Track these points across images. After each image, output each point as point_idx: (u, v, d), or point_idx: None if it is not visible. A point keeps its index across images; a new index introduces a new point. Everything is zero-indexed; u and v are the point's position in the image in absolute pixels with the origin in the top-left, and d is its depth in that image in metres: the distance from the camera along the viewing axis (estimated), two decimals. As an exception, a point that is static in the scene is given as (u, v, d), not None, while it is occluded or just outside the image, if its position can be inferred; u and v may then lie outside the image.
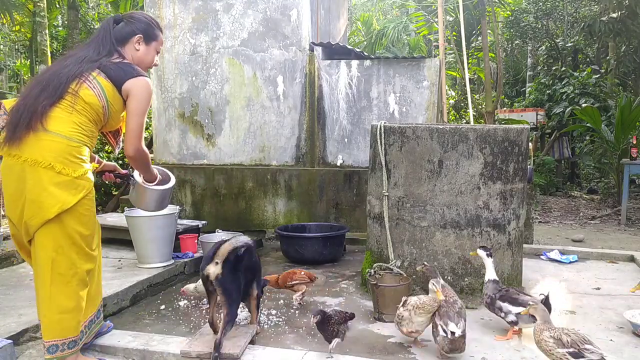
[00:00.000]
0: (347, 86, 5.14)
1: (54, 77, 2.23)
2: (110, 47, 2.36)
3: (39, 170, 2.14)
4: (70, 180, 2.18)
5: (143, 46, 2.44)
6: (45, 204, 2.13)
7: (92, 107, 2.25)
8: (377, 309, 3.04)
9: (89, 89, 2.24)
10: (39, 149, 2.14)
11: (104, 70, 2.29)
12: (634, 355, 2.53)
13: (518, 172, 3.30)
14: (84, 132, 2.25)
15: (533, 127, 10.28)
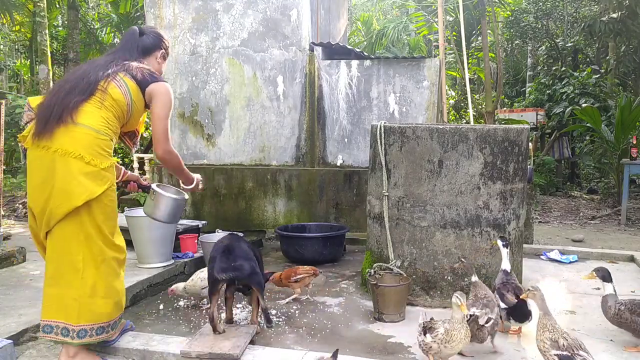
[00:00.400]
0: (347, 86, 5.15)
1: (84, 76, 2.37)
2: (136, 55, 2.55)
3: (70, 160, 2.24)
4: (98, 171, 2.29)
5: (162, 61, 2.67)
6: (75, 193, 2.23)
7: (119, 103, 2.39)
8: (377, 309, 3.04)
9: (117, 87, 2.38)
10: (70, 140, 2.26)
11: (130, 72, 2.44)
12: (634, 355, 2.53)
13: (518, 172, 3.30)
14: (110, 127, 2.38)
15: (533, 127, 10.28)
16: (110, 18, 13.50)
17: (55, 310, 2.30)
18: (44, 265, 3.79)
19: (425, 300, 3.26)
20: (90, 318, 2.31)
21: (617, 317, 2.62)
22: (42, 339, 2.57)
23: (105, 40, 14.24)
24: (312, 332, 2.87)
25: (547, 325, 2.20)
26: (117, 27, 13.24)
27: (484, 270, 3.24)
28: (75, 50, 11.92)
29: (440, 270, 3.23)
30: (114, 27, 13.50)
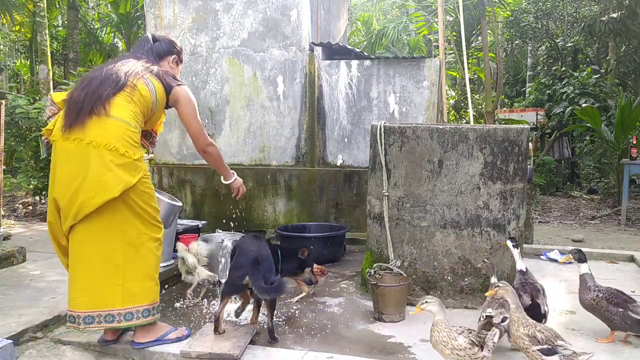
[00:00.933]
0: (347, 86, 5.15)
1: (113, 72, 2.44)
2: (154, 59, 2.64)
3: (104, 151, 2.29)
4: (131, 162, 2.35)
5: (174, 65, 2.77)
6: (111, 183, 2.28)
7: (145, 100, 2.47)
8: (377, 309, 3.04)
9: (145, 84, 2.47)
10: (103, 131, 2.31)
11: (155, 74, 2.55)
12: (634, 355, 2.53)
13: (518, 172, 3.30)
14: (138, 120, 2.45)
15: (533, 127, 10.28)
16: (110, 18, 13.51)
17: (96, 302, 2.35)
18: (44, 265, 3.82)
19: (425, 300, 3.26)
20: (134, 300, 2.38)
21: (592, 302, 2.62)
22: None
23: (105, 40, 14.25)
24: (312, 332, 2.87)
25: (521, 320, 2.20)
26: (117, 27, 13.25)
27: (484, 270, 3.23)
28: (75, 50, 11.94)
29: (440, 270, 3.23)
30: (114, 27, 13.51)
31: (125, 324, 2.38)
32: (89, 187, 2.27)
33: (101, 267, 2.35)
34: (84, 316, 2.36)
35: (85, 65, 11.67)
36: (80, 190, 2.28)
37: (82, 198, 2.27)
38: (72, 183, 2.30)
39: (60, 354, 2.50)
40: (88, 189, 2.27)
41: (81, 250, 2.36)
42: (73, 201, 2.29)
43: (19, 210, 7.42)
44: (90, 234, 2.34)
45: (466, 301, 3.23)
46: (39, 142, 6.59)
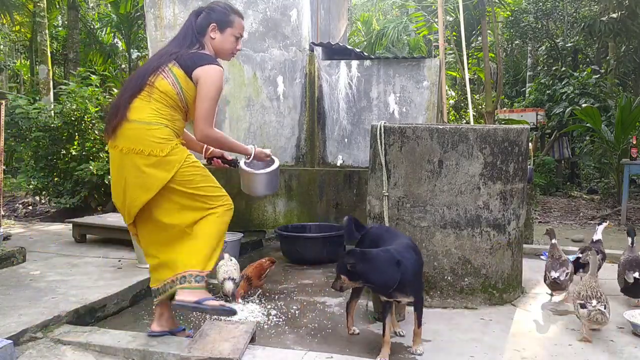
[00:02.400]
0: (347, 86, 5.15)
1: (137, 74, 2.50)
2: (192, 38, 2.52)
3: (133, 156, 2.37)
4: (160, 159, 2.37)
5: (218, 34, 2.55)
6: (147, 185, 2.37)
7: (168, 94, 2.42)
8: (377, 309, 3.04)
9: (164, 78, 2.42)
10: (127, 137, 2.38)
11: (179, 60, 2.45)
12: (634, 355, 2.53)
13: (518, 172, 3.30)
14: (162, 115, 2.42)
15: (533, 127, 10.28)
16: (110, 18, 13.51)
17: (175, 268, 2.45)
18: (44, 265, 3.83)
19: (425, 300, 3.25)
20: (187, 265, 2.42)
21: None
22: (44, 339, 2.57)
23: (105, 40, 14.24)
24: (312, 332, 2.87)
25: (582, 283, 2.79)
26: (117, 27, 13.24)
27: (484, 270, 3.24)
28: (75, 50, 11.93)
29: (440, 271, 3.23)
30: (114, 27, 13.51)
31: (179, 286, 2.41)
32: (130, 190, 2.39)
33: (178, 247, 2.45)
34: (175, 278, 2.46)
35: (85, 65, 11.65)
36: (126, 194, 2.41)
37: (128, 200, 2.42)
38: (119, 187, 2.44)
39: (60, 354, 2.50)
40: (131, 192, 2.40)
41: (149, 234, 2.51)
42: (124, 203, 2.45)
43: (19, 210, 7.42)
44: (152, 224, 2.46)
45: (466, 301, 3.22)
46: (39, 142, 6.59)
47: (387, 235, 2.76)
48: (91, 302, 3.05)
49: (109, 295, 3.17)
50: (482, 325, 2.94)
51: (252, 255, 4.67)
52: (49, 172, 6.74)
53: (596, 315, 2.60)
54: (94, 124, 6.73)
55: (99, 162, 6.44)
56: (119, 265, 3.91)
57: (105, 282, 3.41)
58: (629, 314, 2.86)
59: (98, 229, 4.69)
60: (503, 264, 3.30)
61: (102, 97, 7.06)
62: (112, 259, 4.12)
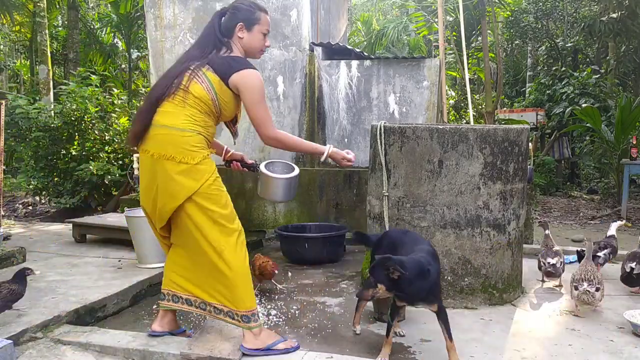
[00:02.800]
0: (347, 86, 5.15)
1: (163, 78, 2.44)
2: (215, 41, 2.45)
3: (164, 162, 2.33)
4: (191, 167, 2.33)
5: (245, 33, 2.49)
6: (174, 192, 2.33)
7: (202, 100, 2.37)
8: (377, 309, 3.04)
9: (198, 83, 2.36)
10: (159, 142, 2.34)
11: (212, 65, 2.39)
12: (634, 355, 2.53)
13: (518, 172, 3.30)
14: (196, 122, 2.37)
15: (533, 127, 10.28)
16: (110, 18, 13.51)
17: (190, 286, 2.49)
18: (44, 265, 3.83)
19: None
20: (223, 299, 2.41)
21: None
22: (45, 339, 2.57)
23: (105, 40, 14.25)
24: (312, 332, 2.87)
25: (582, 266, 3.10)
26: (117, 27, 13.25)
27: (484, 270, 3.24)
28: (75, 50, 11.93)
29: (440, 270, 3.22)
30: (114, 27, 13.51)
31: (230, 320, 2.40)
32: (161, 196, 2.36)
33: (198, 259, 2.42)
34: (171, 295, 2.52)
35: (85, 65, 11.66)
36: (157, 200, 2.39)
37: (159, 206, 2.39)
38: (151, 192, 2.41)
39: (60, 354, 2.50)
40: (161, 197, 2.37)
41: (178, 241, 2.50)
42: (154, 208, 2.42)
43: (19, 210, 7.43)
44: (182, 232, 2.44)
45: (466, 301, 3.23)
46: (39, 142, 6.60)
47: (407, 240, 2.65)
48: (91, 302, 3.05)
49: (109, 295, 3.18)
50: (482, 325, 2.94)
51: (252, 255, 4.66)
52: (49, 172, 6.74)
53: (582, 295, 2.96)
54: (94, 124, 6.73)
55: (99, 162, 6.44)
56: (119, 265, 3.91)
57: (105, 282, 3.41)
58: (629, 314, 2.86)
59: (98, 229, 4.69)
60: (503, 264, 3.30)
61: (102, 97, 7.06)
62: (112, 259, 4.12)
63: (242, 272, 2.40)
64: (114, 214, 5.44)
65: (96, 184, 6.49)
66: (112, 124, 7.06)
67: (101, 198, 6.79)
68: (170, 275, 2.55)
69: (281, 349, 2.43)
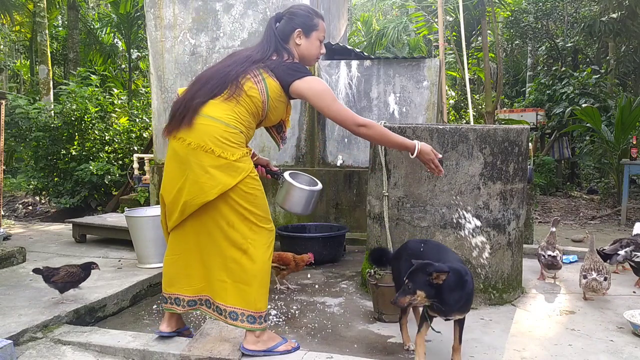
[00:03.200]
0: (347, 86, 5.15)
1: (217, 74, 2.36)
2: (276, 45, 2.41)
3: (201, 153, 2.25)
4: (229, 163, 2.27)
5: (304, 40, 2.46)
6: (207, 186, 2.25)
7: (253, 100, 2.33)
8: (377, 309, 3.04)
9: (254, 83, 2.33)
10: (200, 133, 2.26)
11: (274, 70, 2.36)
12: (634, 355, 2.53)
13: (518, 172, 3.30)
14: (241, 121, 2.34)
15: (533, 127, 10.28)
16: (110, 18, 13.52)
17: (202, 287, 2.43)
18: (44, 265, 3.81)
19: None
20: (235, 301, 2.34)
21: None
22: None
23: (105, 40, 14.25)
24: (312, 332, 2.87)
25: (587, 258, 3.35)
26: (117, 27, 13.26)
27: (484, 270, 3.24)
28: (75, 50, 11.94)
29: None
30: (114, 27, 13.52)
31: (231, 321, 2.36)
32: (190, 188, 2.28)
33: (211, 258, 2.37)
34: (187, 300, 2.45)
35: (85, 66, 11.67)
36: (183, 191, 2.29)
37: (185, 198, 2.29)
38: (176, 182, 2.31)
39: (60, 354, 2.50)
40: (189, 190, 2.28)
41: (188, 240, 2.41)
42: (178, 200, 2.32)
43: (19, 210, 7.43)
44: (200, 228, 2.36)
45: (466, 301, 3.22)
46: (39, 142, 6.60)
47: (429, 249, 2.53)
48: (91, 302, 3.05)
49: (109, 295, 3.18)
50: (482, 325, 2.94)
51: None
52: (49, 172, 6.74)
53: (592, 282, 3.20)
54: (94, 124, 6.73)
55: (99, 162, 6.44)
56: (119, 265, 3.91)
57: (105, 282, 3.41)
58: (629, 314, 2.86)
59: (98, 229, 4.69)
60: (503, 264, 3.31)
61: (102, 97, 7.06)
62: (112, 259, 4.12)
63: (264, 272, 2.36)
64: (114, 214, 5.44)
65: (96, 184, 6.49)
66: (112, 124, 7.07)
67: (101, 198, 6.79)
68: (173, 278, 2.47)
69: (281, 351, 2.42)
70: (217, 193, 2.25)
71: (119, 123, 7.26)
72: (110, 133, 6.90)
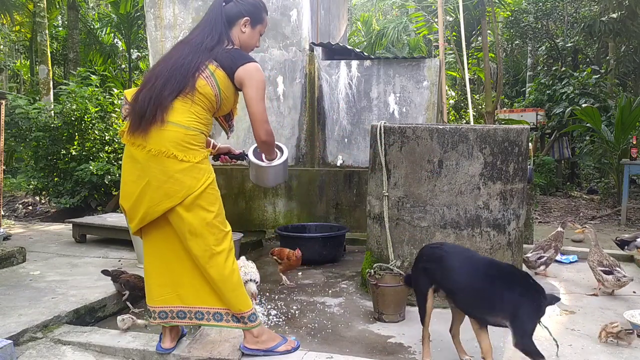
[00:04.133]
0: (347, 86, 5.15)
1: (177, 69, 2.28)
2: (222, 29, 2.35)
3: (163, 159, 2.22)
4: (192, 166, 2.25)
5: (249, 29, 2.42)
6: (172, 191, 2.22)
7: (206, 96, 2.30)
8: (377, 309, 3.04)
9: (204, 79, 2.28)
10: (161, 139, 2.22)
11: (217, 59, 2.31)
12: (634, 355, 2.53)
13: (518, 172, 3.30)
14: (200, 120, 2.31)
15: (533, 127, 10.27)
16: (110, 18, 13.52)
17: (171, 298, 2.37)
18: (44, 265, 3.83)
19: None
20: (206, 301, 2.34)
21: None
22: (43, 341, 2.57)
23: (105, 40, 14.25)
24: (312, 332, 2.87)
25: (597, 252, 3.41)
26: (117, 27, 13.26)
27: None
28: (75, 50, 11.93)
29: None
30: (114, 27, 13.52)
31: (197, 322, 2.36)
32: (152, 194, 2.23)
33: (176, 264, 2.34)
34: (158, 311, 2.38)
35: (85, 66, 11.66)
36: (144, 197, 2.25)
37: (147, 204, 2.25)
38: (135, 189, 2.27)
39: (60, 354, 2.50)
40: (152, 196, 2.23)
41: (157, 247, 2.36)
42: (137, 207, 2.28)
43: (19, 210, 7.42)
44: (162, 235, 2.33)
45: (466, 301, 3.22)
46: (39, 142, 6.60)
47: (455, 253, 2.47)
48: (91, 302, 3.05)
49: (109, 295, 3.18)
50: (482, 325, 2.93)
51: (252, 255, 4.66)
52: (49, 172, 6.74)
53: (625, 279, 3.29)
54: (94, 124, 6.73)
55: (98, 162, 6.44)
56: (119, 265, 3.91)
57: (105, 282, 3.40)
58: (629, 314, 2.86)
59: (98, 229, 4.69)
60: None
61: (102, 97, 7.06)
62: (112, 259, 4.12)
63: (233, 276, 2.34)
64: (114, 214, 5.44)
65: (96, 184, 6.49)
66: (112, 124, 7.06)
67: (101, 198, 6.79)
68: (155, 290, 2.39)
69: (282, 351, 2.42)
70: (182, 197, 2.22)
71: (119, 123, 7.25)
72: (110, 133, 6.89)
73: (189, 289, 2.36)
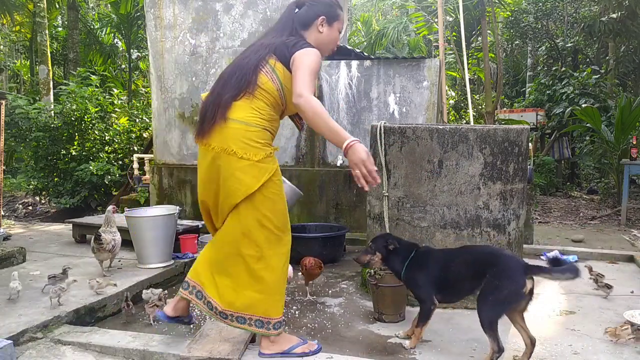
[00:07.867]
0: (347, 86, 5.15)
1: (236, 70, 2.31)
2: (291, 30, 2.35)
3: (225, 157, 2.25)
4: (252, 164, 2.24)
5: (326, 28, 2.40)
6: (232, 189, 2.26)
7: (268, 91, 2.28)
8: (377, 309, 3.04)
9: (265, 74, 2.28)
10: (223, 137, 2.25)
11: (276, 52, 2.29)
12: (634, 355, 2.53)
13: (518, 172, 3.30)
14: (262, 116, 2.29)
15: (533, 127, 10.28)
16: (110, 18, 13.52)
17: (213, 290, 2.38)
18: (44, 265, 3.83)
19: (425, 300, 3.26)
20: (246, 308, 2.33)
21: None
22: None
23: (105, 41, 14.25)
24: (312, 332, 2.87)
25: None
26: (117, 27, 13.26)
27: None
28: (75, 51, 11.94)
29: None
30: (114, 27, 13.52)
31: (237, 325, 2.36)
32: (221, 191, 2.30)
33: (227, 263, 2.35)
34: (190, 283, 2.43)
35: (85, 66, 11.67)
36: (218, 193, 2.32)
37: (220, 199, 2.33)
38: (211, 186, 2.34)
39: (60, 354, 2.51)
40: (222, 193, 2.30)
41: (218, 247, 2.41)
42: (216, 203, 2.36)
43: (19, 210, 7.43)
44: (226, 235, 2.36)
45: (466, 301, 3.22)
46: (39, 142, 6.60)
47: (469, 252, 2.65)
48: (91, 302, 3.05)
49: (108, 296, 3.18)
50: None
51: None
52: (49, 172, 6.75)
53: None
54: (94, 124, 6.74)
55: (99, 162, 6.44)
56: (119, 265, 3.91)
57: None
58: (629, 314, 2.86)
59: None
60: (503, 264, 3.30)
61: (102, 97, 7.06)
62: (112, 259, 4.11)
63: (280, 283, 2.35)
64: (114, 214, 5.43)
65: (96, 184, 6.49)
66: (112, 124, 7.07)
67: (101, 198, 6.79)
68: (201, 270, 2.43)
69: (299, 353, 2.39)
70: (242, 196, 2.24)
71: (119, 123, 7.26)
72: (110, 133, 6.90)
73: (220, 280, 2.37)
